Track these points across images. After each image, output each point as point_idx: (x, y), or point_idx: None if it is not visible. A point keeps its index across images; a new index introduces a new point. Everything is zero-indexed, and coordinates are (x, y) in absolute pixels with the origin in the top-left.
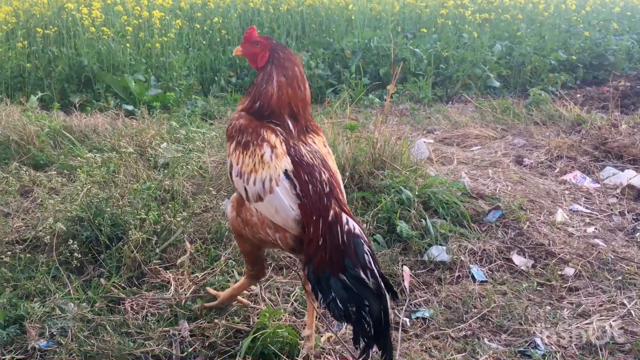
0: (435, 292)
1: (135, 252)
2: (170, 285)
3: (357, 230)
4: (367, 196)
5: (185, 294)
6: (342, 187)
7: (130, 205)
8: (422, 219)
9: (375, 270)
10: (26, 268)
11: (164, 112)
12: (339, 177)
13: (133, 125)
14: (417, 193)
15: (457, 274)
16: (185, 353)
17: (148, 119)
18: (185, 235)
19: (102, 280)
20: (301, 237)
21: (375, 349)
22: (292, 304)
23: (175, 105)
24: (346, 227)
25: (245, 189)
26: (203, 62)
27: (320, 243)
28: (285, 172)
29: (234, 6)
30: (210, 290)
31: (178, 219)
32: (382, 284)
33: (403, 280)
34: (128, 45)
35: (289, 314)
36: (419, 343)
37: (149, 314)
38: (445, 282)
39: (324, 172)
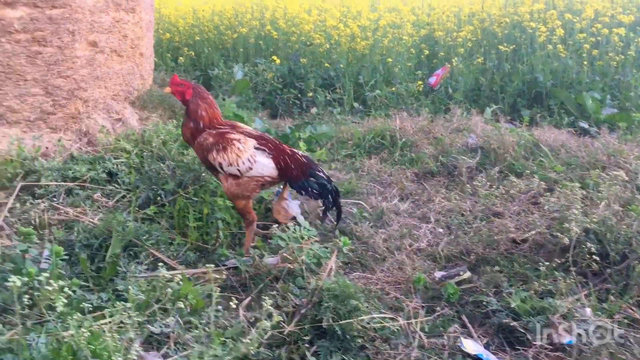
0: None
1: None
2: None
3: (303, 153)
4: None
5: None
6: None
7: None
8: None
9: (322, 169)
10: (531, 266)
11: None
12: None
13: (613, 145)
14: None
15: None
16: None
17: (613, 139)
18: None
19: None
20: (279, 173)
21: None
22: None
23: (638, 127)
24: (299, 153)
25: (238, 170)
26: None
27: (292, 167)
28: (255, 147)
29: None
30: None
31: None
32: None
33: None
34: (585, 62)
35: None
36: None
37: None
38: None
39: (267, 135)
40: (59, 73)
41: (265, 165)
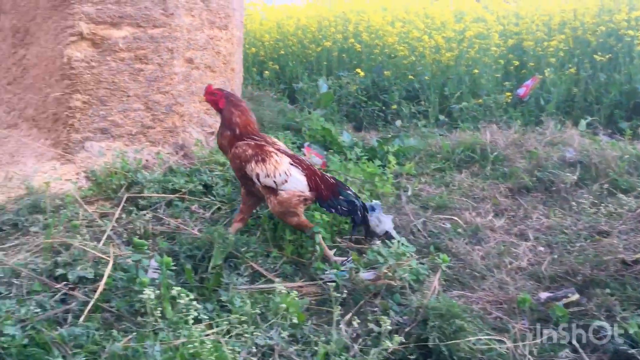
0: None
1: None
2: None
3: (330, 175)
4: None
5: None
6: None
7: None
8: None
9: (349, 188)
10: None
11: None
12: None
13: None
14: None
15: None
16: None
17: None
18: None
19: None
20: (312, 191)
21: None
22: None
23: None
24: (328, 175)
25: (274, 182)
26: None
27: (323, 187)
28: (290, 163)
29: None
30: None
31: None
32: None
33: None
34: None
35: None
36: None
37: None
38: None
39: (299, 156)
40: (158, 89)
41: (299, 181)
